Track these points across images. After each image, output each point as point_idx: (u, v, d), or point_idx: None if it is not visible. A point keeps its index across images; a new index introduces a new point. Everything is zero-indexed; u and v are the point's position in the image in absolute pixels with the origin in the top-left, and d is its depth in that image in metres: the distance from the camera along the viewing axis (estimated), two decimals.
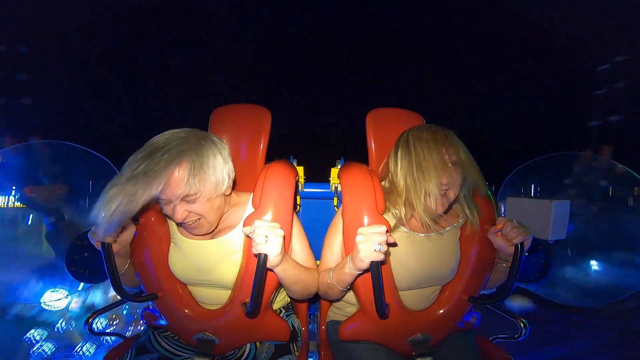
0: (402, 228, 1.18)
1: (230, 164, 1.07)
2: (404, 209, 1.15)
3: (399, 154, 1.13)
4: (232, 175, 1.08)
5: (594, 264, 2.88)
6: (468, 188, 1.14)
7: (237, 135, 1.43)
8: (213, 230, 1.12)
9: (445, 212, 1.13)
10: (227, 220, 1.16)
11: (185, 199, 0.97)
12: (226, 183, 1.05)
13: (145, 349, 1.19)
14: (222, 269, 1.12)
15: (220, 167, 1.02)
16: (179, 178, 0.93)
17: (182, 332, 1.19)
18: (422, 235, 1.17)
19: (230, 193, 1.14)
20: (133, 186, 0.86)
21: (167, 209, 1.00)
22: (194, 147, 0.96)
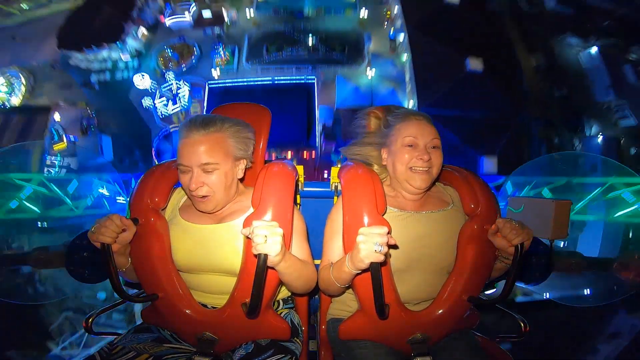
0: (392, 208, 1.21)
1: (251, 150, 1.22)
2: (391, 187, 1.26)
3: (387, 129, 1.24)
4: (249, 161, 1.22)
5: None
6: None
7: None
8: (218, 211, 1.17)
9: (429, 188, 1.24)
10: (233, 206, 1.20)
11: (204, 167, 1.08)
12: (242, 165, 1.19)
13: (146, 329, 1.19)
14: (226, 254, 1.13)
15: (243, 149, 1.17)
16: (204, 148, 1.08)
17: (182, 332, 1.19)
18: (411, 212, 1.21)
19: (242, 180, 1.24)
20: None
21: (184, 178, 1.11)
22: (223, 123, 1.13)
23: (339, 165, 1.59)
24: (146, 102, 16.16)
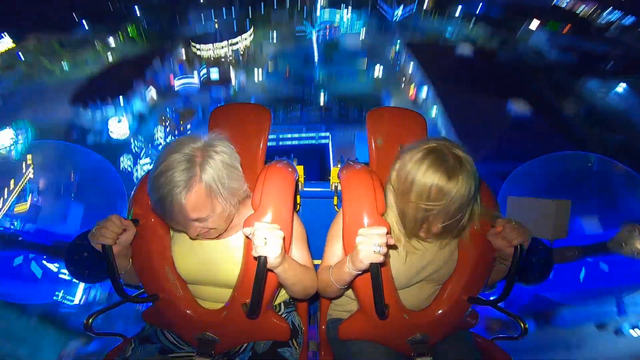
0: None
1: (241, 173, 1.08)
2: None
3: (396, 180, 1.09)
4: (245, 186, 1.10)
5: None
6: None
7: (237, 135, 1.42)
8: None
9: None
10: (235, 220, 1.17)
11: (198, 220, 1.00)
12: (238, 196, 1.08)
13: (148, 340, 1.19)
14: (227, 268, 1.13)
15: (234, 181, 1.03)
16: (191, 206, 0.95)
17: (183, 332, 1.20)
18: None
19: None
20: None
21: (178, 226, 1.04)
22: (202, 169, 0.96)
23: (339, 166, 1.59)
24: (125, 162, 14.09)
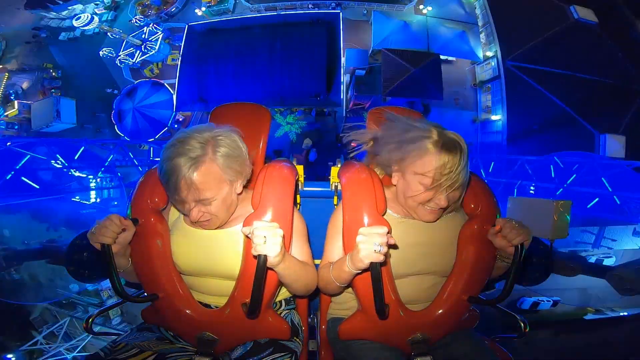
0: (393, 214, 1.20)
1: (248, 163, 1.13)
2: (395, 202, 1.18)
3: (400, 154, 1.10)
4: (248, 174, 1.15)
5: None
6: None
7: None
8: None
9: None
10: (236, 212, 1.19)
11: (202, 201, 1.04)
12: (240, 182, 1.13)
13: (147, 329, 1.20)
14: (228, 260, 1.13)
15: (238, 169, 1.09)
16: (198, 185, 1.00)
17: (183, 332, 1.20)
18: (414, 219, 1.19)
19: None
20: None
21: (181, 207, 1.07)
22: (214, 150, 1.03)
23: (339, 165, 1.59)
24: (104, 51, 13.47)
